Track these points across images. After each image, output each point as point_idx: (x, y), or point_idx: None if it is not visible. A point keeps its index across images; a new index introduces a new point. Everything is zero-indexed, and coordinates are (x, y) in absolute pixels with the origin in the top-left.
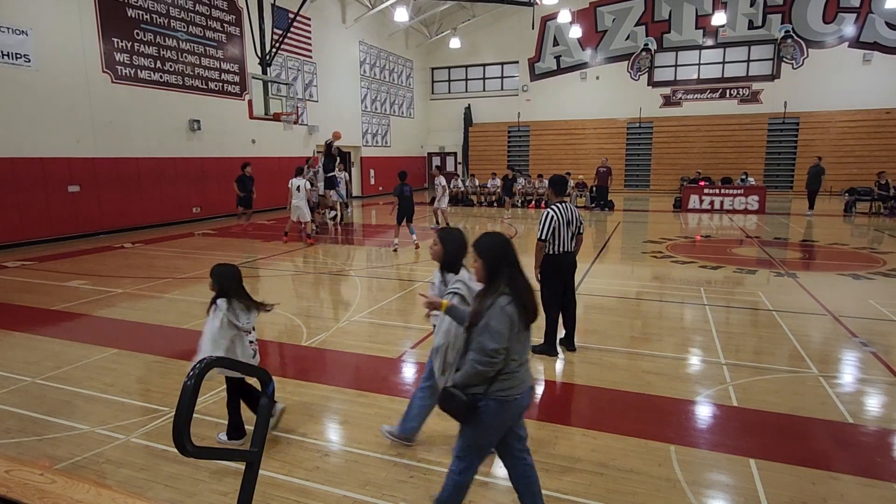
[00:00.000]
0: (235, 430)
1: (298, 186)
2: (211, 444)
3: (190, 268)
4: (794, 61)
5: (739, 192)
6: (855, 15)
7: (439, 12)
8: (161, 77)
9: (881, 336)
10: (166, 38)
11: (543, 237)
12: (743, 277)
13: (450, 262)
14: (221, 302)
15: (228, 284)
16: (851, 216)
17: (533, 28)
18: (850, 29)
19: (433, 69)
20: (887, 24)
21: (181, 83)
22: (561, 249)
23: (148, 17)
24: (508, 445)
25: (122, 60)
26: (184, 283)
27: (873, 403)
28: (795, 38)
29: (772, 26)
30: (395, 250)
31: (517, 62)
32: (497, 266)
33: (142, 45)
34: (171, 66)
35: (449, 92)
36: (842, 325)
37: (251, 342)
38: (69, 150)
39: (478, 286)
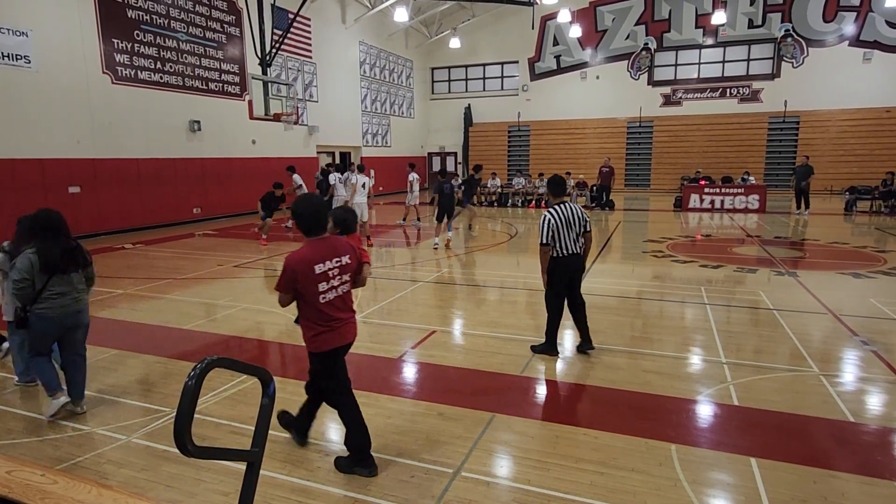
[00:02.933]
0: None
1: (363, 184)
2: (212, 444)
3: (191, 268)
4: (794, 60)
5: (740, 191)
6: (855, 14)
7: (439, 12)
8: (161, 78)
9: (882, 335)
10: (166, 39)
11: (544, 241)
12: (744, 276)
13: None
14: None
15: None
16: (852, 215)
17: (533, 28)
18: (850, 28)
19: (433, 69)
20: (887, 22)
21: (181, 84)
22: (565, 252)
23: (148, 17)
24: (62, 351)
25: (122, 61)
26: (185, 284)
27: (874, 402)
28: (795, 36)
29: (772, 25)
30: (436, 248)
31: (517, 62)
32: (32, 230)
33: (142, 46)
34: (171, 67)
35: (449, 92)
36: (842, 323)
37: None
38: (69, 151)
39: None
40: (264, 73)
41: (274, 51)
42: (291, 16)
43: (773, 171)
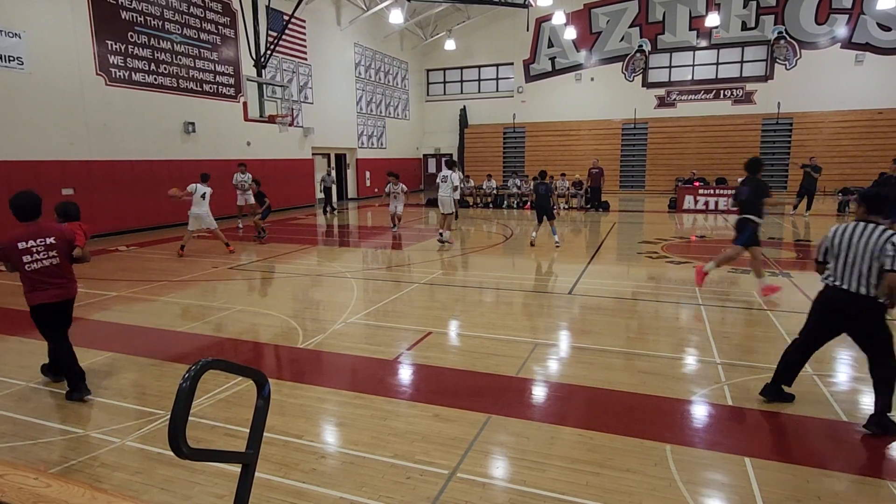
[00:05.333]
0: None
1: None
2: (207, 446)
3: (186, 270)
4: (787, 62)
5: (733, 192)
6: (847, 16)
7: (434, 14)
8: (155, 79)
9: None
10: (160, 41)
11: (817, 257)
12: (737, 277)
13: None
14: None
15: None
16: (845, 216)
17: (527, 30)
18: (842, 30)
19: (428, 71)
20: (879, 25)
21: (176, 85)
22: (835, 280)
23: (142, 19)
24: None
25: (116, 63)
26: (180, 286)
27: (867, 402)
28: (788, 39)
29: (765, 27)
30: (532, 244)
31: (512, 64)
32: None
33: (136, 48)
34: (165, 69)
35: (444, 93)
36: None
37: None
38: (63, 153)
39: None
40: (259, 74)
41: (269, 52)
42: (286, 17)
43: (766, 172)
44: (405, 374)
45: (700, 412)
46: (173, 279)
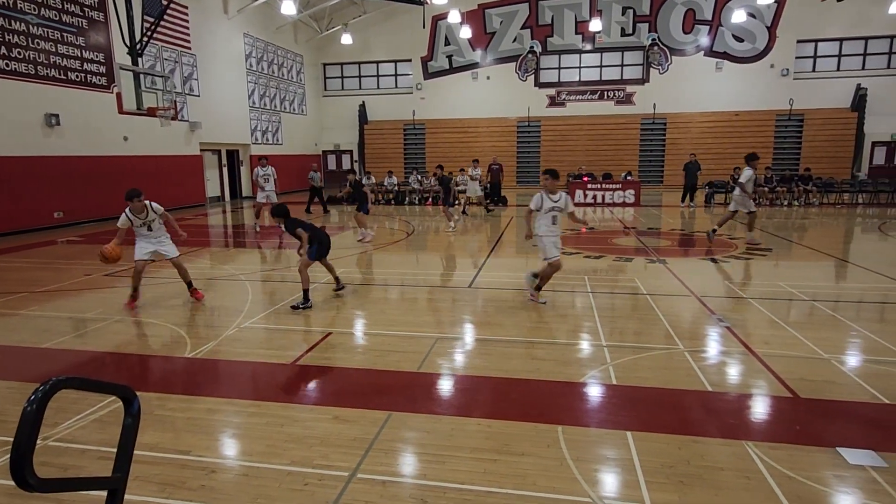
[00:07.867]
0: None
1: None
2: (78, 473)
3: (52, 279)
4: (660, 67)
5: (618, 186)
6: (708, 27)
7: (329, 7)
8: (7, 65)
9: (734, 312)
10: (12, 21)
11: None
12: (622, 265)
13: None
14: None
15: None
16: (710, 206)
17: (424, 27)
18: (704, 39)
19: (325, 65)
20: (734, 36)
21: (33, 72)
22: None
23: None
24: None
25: None
26: (44, 297)
27: (727, 372)
28: (661, 45)
29: (641, 34)
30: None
31: (410, 60)
32: None
33: None
34: (19, 53)
35: (342, 88)
36: (703, 304)
37: None
38: None
39: None
40: (135, 63)
41: (145, 39)
42: (165, 2)
43: (645, 168)
44: (303, 377)
45: (588, 393)
46: (37, 290)
